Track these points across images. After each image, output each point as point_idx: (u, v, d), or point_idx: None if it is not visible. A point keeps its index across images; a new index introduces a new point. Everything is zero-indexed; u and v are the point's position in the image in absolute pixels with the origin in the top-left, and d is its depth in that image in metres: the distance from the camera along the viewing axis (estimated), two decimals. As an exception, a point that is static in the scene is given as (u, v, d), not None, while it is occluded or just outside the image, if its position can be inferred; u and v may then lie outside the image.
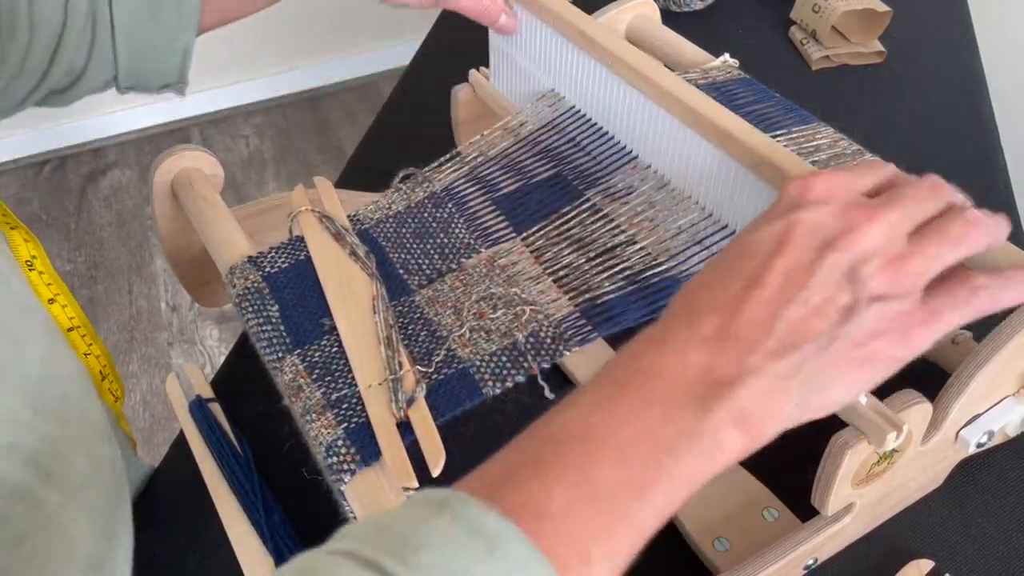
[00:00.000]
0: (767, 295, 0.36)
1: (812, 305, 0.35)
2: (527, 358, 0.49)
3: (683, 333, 0.36)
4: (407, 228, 0.58)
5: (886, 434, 0.46)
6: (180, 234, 0.68)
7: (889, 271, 0.36)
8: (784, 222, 0.37)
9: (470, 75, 0.74)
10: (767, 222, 0.38)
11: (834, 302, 0.36)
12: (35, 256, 0.51)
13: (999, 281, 0.39)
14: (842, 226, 0.37)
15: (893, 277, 0.36)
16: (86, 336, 0.53)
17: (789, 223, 0.37)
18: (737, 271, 0.37)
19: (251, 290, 0.55)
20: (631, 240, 0.54)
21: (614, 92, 0.58)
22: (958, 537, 0.56)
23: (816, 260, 0.36)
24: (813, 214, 0.37)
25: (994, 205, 0.41)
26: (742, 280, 0.36)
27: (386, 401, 0.47)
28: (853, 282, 0.36)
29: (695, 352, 0.35)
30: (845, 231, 0.36)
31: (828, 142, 0.60)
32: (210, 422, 0.61)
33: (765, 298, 0.36)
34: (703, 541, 0.54)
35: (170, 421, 1.70)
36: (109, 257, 2.06)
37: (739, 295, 0.36)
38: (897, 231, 0.37)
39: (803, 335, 0.35)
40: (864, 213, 0.37)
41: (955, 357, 0.57)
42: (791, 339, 0.35)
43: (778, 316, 0.35)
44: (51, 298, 0.51)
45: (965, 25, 1.06)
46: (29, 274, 0.50)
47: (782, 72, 0.98)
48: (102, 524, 0.49)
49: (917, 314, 0.37)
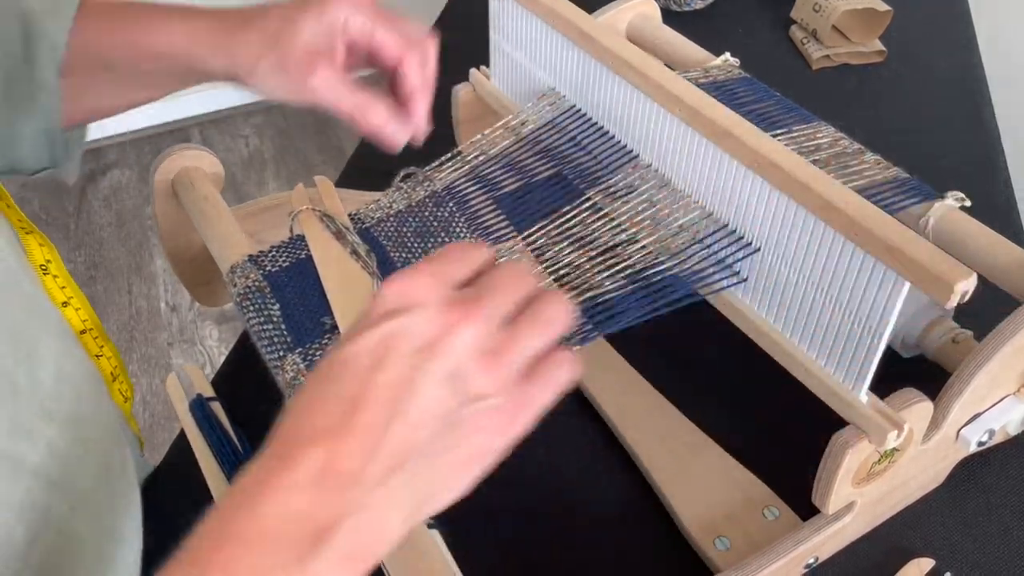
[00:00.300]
0: (369, 419, 0.35)
1: (416, 418, 0.35)
2: (528, 357, 0.49)
3: (284, 478, 0.34)
4: (408, 227, 0.58)
5: (887, 433, 0.46)
6: (180, 233, 0.68)
7: (487, 369, 0.36)
8: (380, 333, 0.36)
9: (470, 74, 0.74)
10: (364, 334, 0.37)
11: (438, 410, 0.35)
12: (50, 260, 0.51)
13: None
14: (438, 331, 0.36)
15: (492, 373, 0.36)
16: (98, 338, 0.53)
17: (384, 335, 0.36)
18: (337, 394, 0.36)
19: (252, 289, 0.55)
20: (632, 239, 0.54)
21: (615, 91, 0.58)
22: (959, 536, 0.56)
23: (418, 371, 0.35)
24: (408, 321, 0.36)
25: (994, 205, 0.42)
26: (343, 403, 0.35)
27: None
28: (454, 387, 0.36)
29: (295, 499, 0.33)
30: (442, 336, 0.36)
31: (828, 141, 0.60)
32: (211, 421, 0.61)
33: (368, 422, 0.35)
34: (704, 540, 0.54)
35: (170, 421, 1.70)
36: (109, 257, 2.06)
37: (341, 421, 0.35)
38: (492, 325, 0.37)
39: (408, 451, 0.35)
40: (458, 314, 0.36)
41: (956, 356, 0.57)
42: (397, 459, 0.35)
43: (383, 439, 0.34)
44: (65, 301, 0.51)
45: (965, 25, 1.06)
46: (44, 278, 0.50)
47: (782, 71, 0.98)
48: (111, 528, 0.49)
49: (514, 404, 0.37)
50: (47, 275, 0.50)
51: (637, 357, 0.64)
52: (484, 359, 0.36)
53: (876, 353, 0.46)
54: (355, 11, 0.52)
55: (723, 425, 0.59)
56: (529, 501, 0.58)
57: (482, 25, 0.69)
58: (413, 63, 0.53)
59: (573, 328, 0.50)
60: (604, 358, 0.64)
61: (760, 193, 0.49)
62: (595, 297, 0.51)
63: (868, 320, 0.45)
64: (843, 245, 0.45)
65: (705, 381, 0.63)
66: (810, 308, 0.48)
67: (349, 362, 0.36)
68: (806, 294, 0.48)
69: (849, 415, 0.48)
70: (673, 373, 0.63)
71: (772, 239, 0.50)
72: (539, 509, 0.57)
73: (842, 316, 0.47)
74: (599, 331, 0.50)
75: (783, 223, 0.48)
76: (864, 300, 0.45)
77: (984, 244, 0.54)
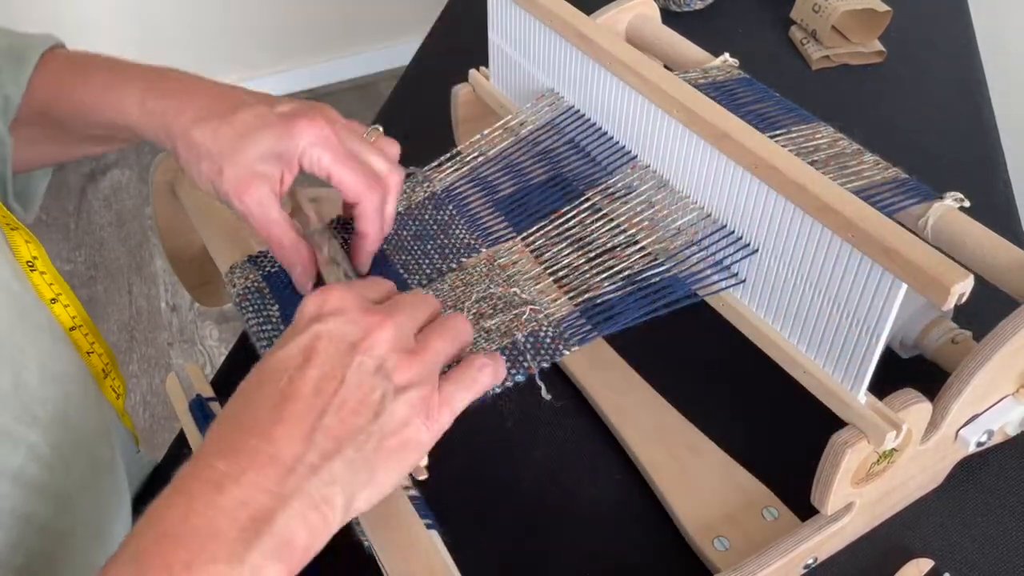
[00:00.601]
0: (302, 408, 0.37)
1: (347, 408, 0.37)
2: (526, 358, 0.49)
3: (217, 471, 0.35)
4: (407, 230, 0.58)
5: (886, 433, 0.46)
6: (180, 233, 0.68)
7: (408, 363, 0.40)
8: (307, 336, 0.39)
9: (470, 75, 0.74)
10: (289, 340, 0.39)
11: (367, 400, 0.38)
12: (36, 257, 0.51)
13: (496, 360, 0.45)
14: (361, 331, 0.39)
15: (412, 367, 0.40)
16: (88, 335, 0.53)
17: (312, 336, 0.39)
18: (267, 393, 0.38)
19: (251, 289, 0.55)
20: (631, 240, 0.54)
21: (613, 92, 0.58)
22: (958, 536, 0.56)
23: (345, 365, 0.38)
24: (332, 324, 0.39)
25: (994, 205, 0.42)
26: (273, 399, 0.37)
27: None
28: (381, 377, 0.39)
29: (229, 490, 0.34)
30: (365, 335, 0.39)
31: (828, 142, 0.60)
32: (210, 421, 0.61)
33: (300, 412, 0.37)
34: (703, 540, 0.54)
35: (170, 421, 1.70)
36: (109, 257, 2.06)
37: (272, 415, 0.36)
38: (406, 330, 0.41)
39: (341, 439, 0.37)
40: (377, 318, 0.40)
41: (955, 356, 0.57)
42: (331, 446, 0.36)
43: (316, 427, 0.36)
44: (53, 298, 0.51)
45: (965, 25, 1.06)
46: (31, 275, 0.50)
47: (782, 72, 0.98)
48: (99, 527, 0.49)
49: (436, 397, 0.40)
50: (34, 272, 0.50)
51: (636, 357, 0.64)
52: (403, 356, 0.40)
53: (874, 353, 0.46)
54: (316, 145, 0.49)
55: (723, 425, 0.59)
56: (528, 501, 0.58)
57: (482, 25, 0.69)
58: (368, 207, 0.52)
59: (573, 328, 0.50)
60: (604, 358, 0.64)
61: (758, 194, 0.49)
62: (594, 298, 0.51)
63: (866, 321, 0.45)
64: (840, 246, 0.45)
65: (705, 381, 0.63)
66: (808, 309, 0.49)
67: (277, 364, 0.38)
68: (804, 295, 0.48)
69: (848, 415, 0.48)
70: (673, 373, 0.63)
71: (770, 240, 0.50)
72: (538, 509, 0.57)
73: (840, 317, 0.47)
74: (598, 332, 0.50)
75: (781, 224, 0.48)
76: (862, 301, 0.45)
77: (983, 244, 0.54)
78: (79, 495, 0.47)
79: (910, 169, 0.58)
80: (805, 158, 0.58)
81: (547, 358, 0.49)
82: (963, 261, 0.53)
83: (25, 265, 0.50)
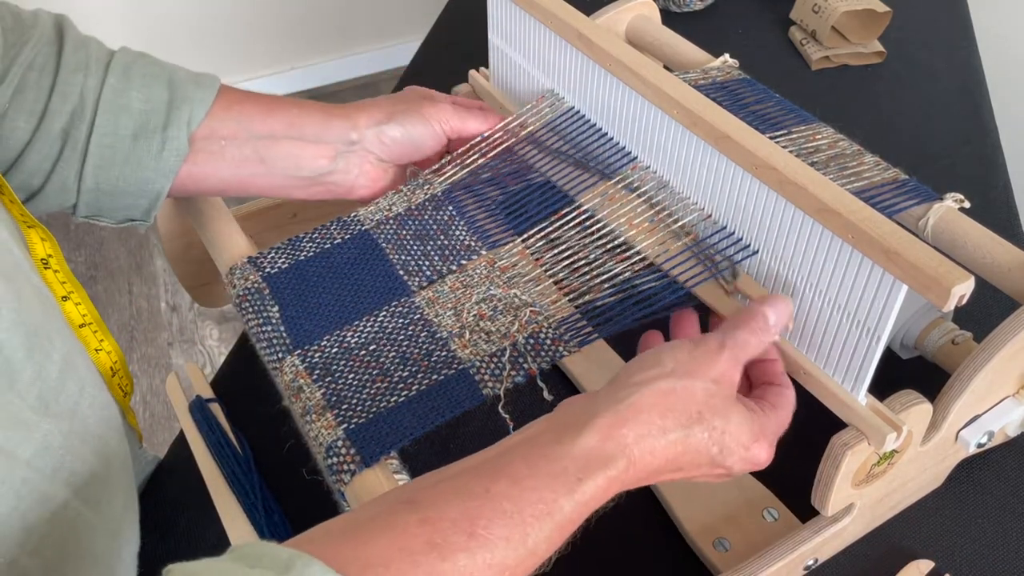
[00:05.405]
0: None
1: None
2: (527, 359, 0.49)
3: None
4: (407, 230, 0.58)
5: (886, 435, 0.46)
6: (180, 234, 0.68)
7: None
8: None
9: (470, 75, 0.74)
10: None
11: (699, 399, 0.45)
12: (51, 255, 0.52)
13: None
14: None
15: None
16: (98, 332, 0.53)
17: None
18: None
19: (251, 290, 0.55)
20: (631, 242, 0.54)
21: (613, 93, 0.58)
22: (958, 537, 0.56)
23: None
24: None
25: (994, 205, 0.42)
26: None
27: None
28: (711, 391, 0.45)
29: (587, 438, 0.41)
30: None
31: (828, 142, 0.60)
32: (210, 422, 0.61)
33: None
34: (703, 542, 0.54)
35: (170, 421, 1.70)
36: (109, 257, 2.06)
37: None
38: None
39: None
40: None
41: (955, 358, 0.57)
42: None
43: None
44: (65, 295, 0.51)
45: (965, 25, 1.06)
46: (44, 272, 0.51)
47: (782, 72, 0.98)
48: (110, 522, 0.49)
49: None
50: (48, 269, 0.51)
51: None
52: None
53: (875, 355, 0.46)
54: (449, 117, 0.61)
55: (722, 426, 0.59)
56: (528, 502, 0.58)
57: (481, 26, 0.69)
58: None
59: (573, 330, 0.50)
60: (603, 358, 0.64)
61: (758, 195, 0.49)
62: (593, 300, 0.51)
63: (867, 322, 0.45)
64: (841, 247, 0.45)
65: (704, 382, 0.63)
66: (808, 310, 0.49)
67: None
68: (804, 296, 0.48)
69: (848, 417, 0.48)
70: (672, 374, 0.63)
71: (770, 241, 0.50)
72: (538, 510, 0.57)
73: (840, 318, 0.47)
74: (598, 333, 0.50)
75: (781, 225, 0.48)
76: (862, 302, 0.45)
77: (983, 245, 0.54)
78: (91, 489, 0.48)
79: (910, 169, 0.58)
80: (805, 159, 0.58)
81: (547, 359, 0.49)
82: (963, 262, 0.53)
83: (39, 263, 0.51)
